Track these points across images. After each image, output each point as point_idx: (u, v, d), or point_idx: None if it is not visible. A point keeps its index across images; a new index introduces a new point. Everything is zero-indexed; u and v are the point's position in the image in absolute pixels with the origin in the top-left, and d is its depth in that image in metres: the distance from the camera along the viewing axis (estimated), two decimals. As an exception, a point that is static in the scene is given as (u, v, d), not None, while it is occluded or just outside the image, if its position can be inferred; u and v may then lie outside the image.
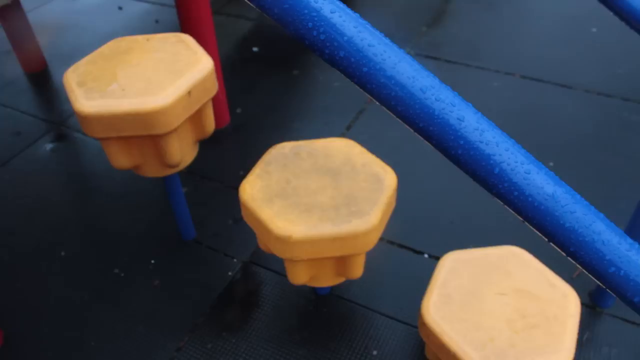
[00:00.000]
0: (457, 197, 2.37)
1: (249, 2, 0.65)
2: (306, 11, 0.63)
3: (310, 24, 0.64)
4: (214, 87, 1.76)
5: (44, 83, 3.37)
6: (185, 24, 2.48)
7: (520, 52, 3.33)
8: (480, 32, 3.54)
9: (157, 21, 3.89)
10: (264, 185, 1.58)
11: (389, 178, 1.61)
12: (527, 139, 2.64)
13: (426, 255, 2.18)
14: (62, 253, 2.30)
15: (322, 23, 0.63)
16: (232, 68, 3.29)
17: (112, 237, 2.36)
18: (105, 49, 1.87)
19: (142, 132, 1.63)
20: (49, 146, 2.86)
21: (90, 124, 1.63)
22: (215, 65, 2.08)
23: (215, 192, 2.53)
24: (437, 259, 2.15)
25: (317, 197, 1.54)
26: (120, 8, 4.07)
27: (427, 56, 3.31)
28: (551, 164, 2.51)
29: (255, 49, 3.52)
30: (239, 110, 2.97)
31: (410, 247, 2.21)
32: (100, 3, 4.16)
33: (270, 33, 3.63)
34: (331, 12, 0.63)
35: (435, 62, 3.26)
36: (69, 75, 1.74)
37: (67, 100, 3.16)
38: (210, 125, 1.84)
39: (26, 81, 3.37)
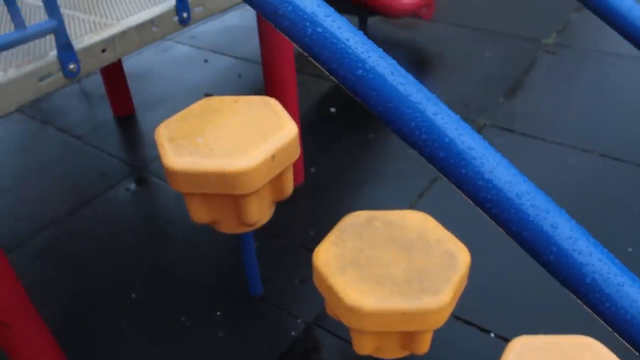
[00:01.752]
0: (529, 277, 2.31)
1: (355, 98, 0.69)
2: (410, 111, 0.66)
3: (413, 124, 0.67)
4: (296, 152, 1.82)
5: (130, 127, 3.56)
6: (269, 84, 2.58)
7: (600, 129, 3.26)
8: (558, 106, 3.50)
9: (239, 75, 4.06)
10: (338, 253, 1.60)
11: (462, 256, 1.60)
12: (604, 222, 2.56)
13: (492, 335, 2.13)
14: (133, 295, 2.37)
15: (425, 124, 0.66)
16: (309, 127, 3.38)
17: (182, 284, 2.42)
18: (195, 107, 1.96)
19: (225, 191, 1.69)
20: (130, 189, 3.00)
21: (176, 179, 1.70)
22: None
23: (285, 250, 2.57)
24: (504, 339, 2.10)
25: (390, 269, 1.55)
26: (206, 61, 4.28)
27: (502, 128, 3.30)
28: (630, 249, 2.43)
29: (332, 109, 3.60)
30: (313, 170, 3.03)
31: (477, 325, 2.16)
32: (189, 55, 4.39)
33: (349, 95, 3.70)
34: (434, 114, 0.66)
35: (510, 135, 3.24)
36: (161, 130, 1.84)
37: (150, 146, 3.32)
38: (289, 187, 1.90)
39: (115, 124, 3.57)
